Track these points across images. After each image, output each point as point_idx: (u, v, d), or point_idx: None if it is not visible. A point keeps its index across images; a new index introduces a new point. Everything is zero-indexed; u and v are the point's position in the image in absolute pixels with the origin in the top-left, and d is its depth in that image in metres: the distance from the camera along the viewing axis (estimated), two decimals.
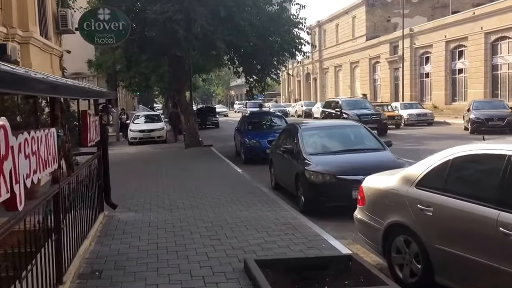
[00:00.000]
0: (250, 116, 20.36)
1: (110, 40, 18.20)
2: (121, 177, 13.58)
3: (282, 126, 19.28)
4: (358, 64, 54.67)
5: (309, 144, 10.81)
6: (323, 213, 9.26)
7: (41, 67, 12.38)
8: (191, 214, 8.94)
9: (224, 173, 14.38)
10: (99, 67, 32.55)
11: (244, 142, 18.08)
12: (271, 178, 13.05)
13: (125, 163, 17.51)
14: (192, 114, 22.93)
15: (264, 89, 23.18)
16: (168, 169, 15.25)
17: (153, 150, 22.83)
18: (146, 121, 28.74)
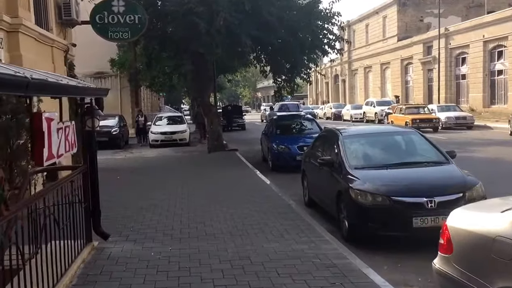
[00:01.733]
0: (278, 119, 18.15)
1: (125, 34, 16.15)
2: (127, 189, 11.59)
3: (313, 130, 17.10)
4: (389, 65, 51.92)
5: (354, 154, 8.57)
6: (373, 241, 7.09)
7: (37, 60, 10.43)
8: (205, 246, 6.78)
9: (249, 185, 12.21)
10: (121, 66, 30.84)
11: (271, 147, 15.89)
12: (303, 192, 10.85)
13: (138, 170, 15.49)
14: (215, 116, 20.83)
15: (293, 89, 20.96)
16: (186, 179, 13.15)
17: (173, 154, 20.82)
18: (168, 122, 26.82)
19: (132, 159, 18.91)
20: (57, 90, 4.21)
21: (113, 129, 24.50)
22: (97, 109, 6.08)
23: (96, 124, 6.12)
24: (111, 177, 13.63)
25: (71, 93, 4.96)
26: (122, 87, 33.52)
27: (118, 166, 16.68)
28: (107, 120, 25.61)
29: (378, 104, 39.99)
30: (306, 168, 10.80)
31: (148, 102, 45.87)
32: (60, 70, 12.61)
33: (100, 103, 6.51)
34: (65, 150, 4.92)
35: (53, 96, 4.67)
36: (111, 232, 7.37)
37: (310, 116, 19.95)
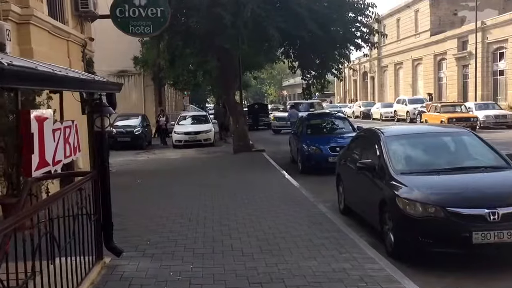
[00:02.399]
0: (308, 117, 17.25)
1: (146, 29, 15.48)
2: (147, 195, 10.85)
3: (345, 130, 16.17)
4: (421, 61, 50.33)
5: (399, 158, 7.63)
6: (423, 257, 6.31)
7: (51, 55, 9.78)
8: (232, 265, 5.96)
9: (278, 189, 11.36)
10: (144, 64, 30.34)
11: (301, 148, 15.01)
12: (338, 198, 9.96)
13: (159, 173, 14.78)
14: (241, 115, 20.04)
15: (324, 86, 20.00)
16: (210, 184, 12.37)
17: (197, 155, 20.10)
18: (192, 122, 26.12)
19: (154, 161, 18.27)
20: (50, 82, 3.46)
21: (136, 129, 23.94)
22: (107, 106, 5.31)
23: (106, 124, 5.35)
24: (131, 181, 12.99)
25: (72, 87, 4.20)
26: (145, 85, 33.06)
27: (140, 169, 16.03)
28: (130, 120, 25.12)
29: (410, 102, 38.68)
30: (341, 171, 9.90)
31: (172, 101, 45.42)
32: (77, 66, 11.97)
33: (112, 99, 5.75)
34: (65, 156, 4.16)
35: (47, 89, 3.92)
36: (126, 245, 6.62)
37: (342, 115, 18.94)
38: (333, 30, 17.95)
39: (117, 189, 12.09)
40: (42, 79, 3.35)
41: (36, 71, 3.28)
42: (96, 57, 20.84)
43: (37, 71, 3.29)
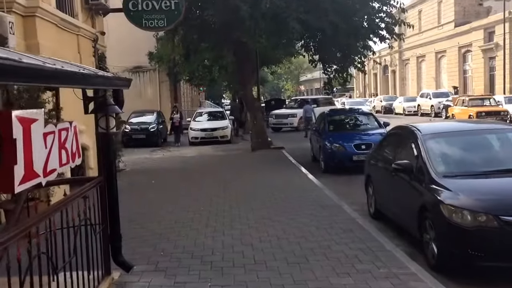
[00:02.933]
0: (330, 113, 16.51)
1: (160, 22, 14.86)
2: (162, 197, 10.26)
3: (370, 126, 15.42)
4: (444, 53, 49.09)
5: (440, 158, 6.91)
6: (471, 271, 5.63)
7: (59, 50, 9.23)
8: (255, 282, 5.32)
9: (301, 191, 10.69)
10: (159, 59, 29.80)
11: (324, 146, 14.30)
12: (368, 201, 9.28)
13: (175, 172, 14.19)
14: (259, 110, 19.38)
15: (345, 80, 19.22)
16: (228, 184, 11.75)
17: (214, 152, 19.50)
18: (209, 118, 25.54)
19: (169, 159, 17.73)
20: (39, 77, 2.85)
21: (151, 126, 23.45)
22: (112, 105, 4.70)
23: (112, 124, 4.74)
24: (145, 181, 12.43)
25: (68, 82, 3.59)
26: (161, 81, 32.55)
27: (154, 167, 15.49)
28: (145, 117, 24.66)
29: (434, 96, 37.66)
30: (372, 173, 9.20)
31: (188, 97, 44.93)
32: (88, 62, 11.43)
33: (119, 96, 5.14)
34: (61, 163, 3.55)
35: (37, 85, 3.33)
36: (137, 257, 6.03)
37: (367, 110, 18.11)
38: (356, 21, 17.20)
39: (130, 190, 11.69)
40: (29, 74, 2.74)
41: (19, 63, 2.67)
42: (111, 53, 20.34)
43: (21, 63, 2.68)
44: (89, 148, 11.21)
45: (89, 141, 11.00)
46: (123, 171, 14.26)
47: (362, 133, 14.71)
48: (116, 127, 12.51)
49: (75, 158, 3.88)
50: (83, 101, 4.52)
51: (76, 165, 4.27)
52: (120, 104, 5.14)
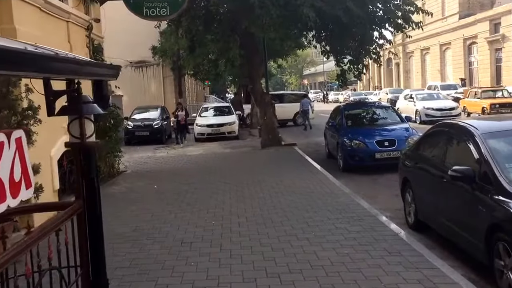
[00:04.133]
0: (347, 107, 14.88)
1: (163, 11, 13.23)
2: (165, 207, 8.66)
3: (391, 120, 13.83)
4: (449, 46, 47.24)
5: None
6: None
7: (44, 37, 7.63)
8: None
9: (325, 196, 9.11)
10: (163, 53, 28.19)
11: (343, 143, 12.70)
12: (405, 209, 7.74)
13: (180, 174, 12.53)
14: (269, 105, 17.75)
15: (360, 72, 17.59)
16: (238, 188, 10.17)
17: (221, 150, 17.90)
18: (215, 114, 23.94)
19: (174, 158, 16.14)
20: None
21: (155, 122, 21.85)
22: (91, 103, 3.14)
23: (89, 130, 3.15)
24: (146, 186, 10.86)
25: (12, 67, 2.02)
26: (164, 76, 30.95)
27: (157, 168, 13.92)
28: (149, 113, 23.11)
29: (442, 88, 35.86)
30: (410, 176, 7.61)
31: (193, 92, 43.32)
32: (80, 52, 9.82)
33: (103, 91, 3.55)
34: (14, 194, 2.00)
35: None
36: None
37: (386, 103, 16.43)
38: (372, 9, 15.61)
39: (128, 198, 9.78)
40: None
41: None
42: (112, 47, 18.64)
43: None
44: None
45: None
46: (123, 174, 12.70)
47: (383, 129, 13.14)
48: (114, 126, 10.86)
49: (19, 189, 2.31)
50: (45, 97, 2.94)
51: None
52: (105, 101, 3.56)
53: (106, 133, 11.33)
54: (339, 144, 12.96)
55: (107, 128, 11.45)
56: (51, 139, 8.14)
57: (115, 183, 11.39)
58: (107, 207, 8.68)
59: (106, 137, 11.36)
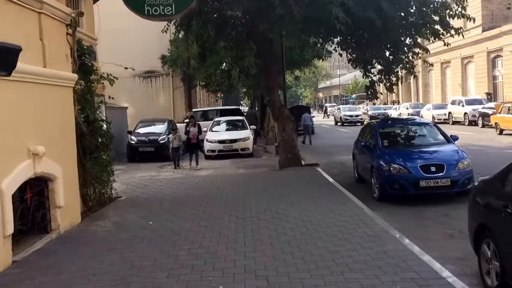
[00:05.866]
0: (381, 124, 12.51)
1: (167, 9, 11.05)
2: (157, 258, 6.33)
3: (434, 141, 11.39)
4: (472, 59, 44.72)
5: None
6: None
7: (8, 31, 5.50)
8: None
9: (365, 239, 6.82)
10: (173, 63, 26.16)
11: (379, 167, 10.35)
12: (481, 266, 5.46)
13: (183, 204, 9.99)
14: (289, 120, 15.47)
15: (392, 84, 15.32)
16: (257, 225, 7.90)
17: (234, 171, 15.58)
18: (227, 128, 21.69)
19: (180, 180, 13.85)
20: None
21: (161, 137, 19.64)
22: None
23: None
24: (140, 223, 8.54)
25: None
26: (174, 87, 28.89)
27: (158, 194, 11.63)
28: (154, 126, 20.94)
29: (467, 103, 33.53)
30: (494, 223, 5.27)
31: (204, 104, 41.25)
32: (57, 52, 7.68)
33: None
34: None
35: None
36: None
37: (428, 120, 13.95)
38: (408, 11, 13.38)
39: (111, 243, 7.06)
40: None
41: None
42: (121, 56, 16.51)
43: None
44: (56, 179, 7.43)
45: (53, 168, 7.21)
46: (115, 201, 10.46)
47: (427, 150, 10.77)
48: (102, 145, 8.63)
49: None
50: None
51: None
52: None
53: (91, 154, 9.13)
54: (374, 168, 10.60)
55: (95, 147, 9.25)
56: (1, 164, 5.96)
57: (102, 215, 9.14)
58: (78, 258, 6.47)
59: (91, 158, 9.16)
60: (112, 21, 26.29)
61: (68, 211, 7.99)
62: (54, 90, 7.55)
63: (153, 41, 25.41)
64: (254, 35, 15.28)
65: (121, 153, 20.16)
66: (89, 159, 9.19)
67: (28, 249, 6.79)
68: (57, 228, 7.64)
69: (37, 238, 7.18)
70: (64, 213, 7.83)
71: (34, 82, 6.82)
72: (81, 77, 9.50)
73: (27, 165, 6.62)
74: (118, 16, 27.19)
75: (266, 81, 15.92)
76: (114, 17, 26.72)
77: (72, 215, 8.23)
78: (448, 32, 14.42)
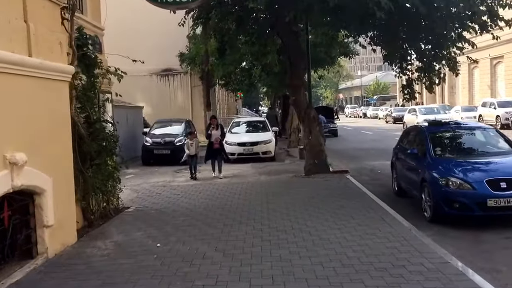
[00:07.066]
0: (431, 128, 10.70)
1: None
2: None
3: (499, 149, 9.43)
4: (502, 59, 42.55)
5: None
6: None
7: None
8: None
9: (421, 275, 5.31)
10: (191, 61, 24.83)
11: (433, 181, 8.50)
12: None
13: (198, 219, 8.42)
14: (315, 122, 13.94)
15: (432, 83, 13.70)
16: (276, 248, 6.43)
17: (255, 178, 14.10)
18: (247, 130, 20.27)
19: (196, 188, 12.42)
20: None
21: (177, 138, 18.26)
22: None
23: None
24: (145, 244, 7.10)
25: None
26: (193, 86, 27.55)
27: (171, 205, 10.19)
28: (171, 127, 19.59)
29: (499, 106, 31.50)
30: None
31: (224, 104, 39.88)
32: (49, 38, 6.30)
33: None
34: None
35: None
36: None
37: (487, 125, 11.83)
38: (452, 1, 11.76)
39: (114, 270, 5.52)
40: None
41: None
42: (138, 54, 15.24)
43: None
44: (43, 192, 6.04)
45: (39, 179, 5.83)
46: (122, 213, 9.06)
47: (492, 161, 8.87)
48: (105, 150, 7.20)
49: None
50: None
51: None
52: None
53: (92, 160, 7.74)
54: (426, 181, 8.73)
55: (96, 152, 7.86)
56: None
57: (103, 232, 7.73)
58: None
59: (92, 166, 7.77)
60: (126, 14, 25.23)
61: (60, 230, 6.61)
62: (43, 84, 6.18)
63: (171, 38, 24.15)
64: (278, 28, 13.82)
65: (135, 156, 18.89)
66: (89, 166, 7.81)
67: (4, 281, 5.43)
68: (45, 251, 6.27)
69: (17, 265, 5.81)
70: (55, 233, 6.45)
71: (12, 73, 5.45)
72: (83, 70, 8.15)
73: (3, 177, 5.26)
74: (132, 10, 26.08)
75: (291, 79, 14.41)
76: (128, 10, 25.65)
77: (66, 234, 6.85)
78: (496, 25, 12.75)
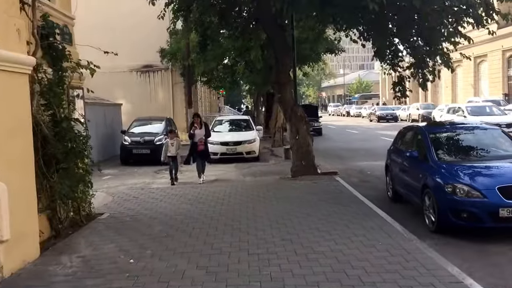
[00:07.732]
0: (432, 128, 9.84)
1: None
2: None
3: (505, 152, 8.59)
4: (485, 58, 42.51)
5: None
6: None
7: None
8: None
9: None
10: (172, 56, 23.94)
11: (437, 187, 7.67)
12: None
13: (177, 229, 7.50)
14: (302, 121, 13.20)
15: (426, 80, 13.11)
16: (266, 264, 5.65)
17: (238, 178, 13.31)
18: (231, 128, 19.50)
19: (176, 192, 11.54)
20: None
21: (157, 137, 17.37)
22: None
23: None
24: (115, 261, 6.22)
25: None
26: (174, 83, 26.64)
27: (150, 210, 9.33)
28: (151, 125, 18.70)
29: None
30: None
31: (206, 102, 38.98)
32: (3, 25, 5.43)
33: None
34: None
35: None
36: None
37: (494, 126, 10.81)
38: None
39: None
40: None
41: None
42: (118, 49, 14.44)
43: None
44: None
45: None
46: (94, 221, 8.20)
47: (501, 166, 8.05)
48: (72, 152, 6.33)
49: None
50: None
51: None
52: None
53: (58, 163, 6.87)
54: (429, 187, 7.92)
55: (63, 155, 6.99)
56: None
57: (71, 245, 6.87)
58: None
59: (58, 170, 6.90)
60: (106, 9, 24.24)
61: (19, 244, 5.76)
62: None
63: (152, 33, 23.26)
64: (264, 21, 13.07)
65: (114, 155, 17.98)
66: (55, 170, 6.94)
67: None
68: (0, 270, 5.41)
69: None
70: (12, 248, 5.59)
71: None
72: (48, 63, 7.28)
73: None
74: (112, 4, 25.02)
75: (278, 76, 13.65)
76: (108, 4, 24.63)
77: (26, 248, 5.99)
78: (492, 19, 12.22)
